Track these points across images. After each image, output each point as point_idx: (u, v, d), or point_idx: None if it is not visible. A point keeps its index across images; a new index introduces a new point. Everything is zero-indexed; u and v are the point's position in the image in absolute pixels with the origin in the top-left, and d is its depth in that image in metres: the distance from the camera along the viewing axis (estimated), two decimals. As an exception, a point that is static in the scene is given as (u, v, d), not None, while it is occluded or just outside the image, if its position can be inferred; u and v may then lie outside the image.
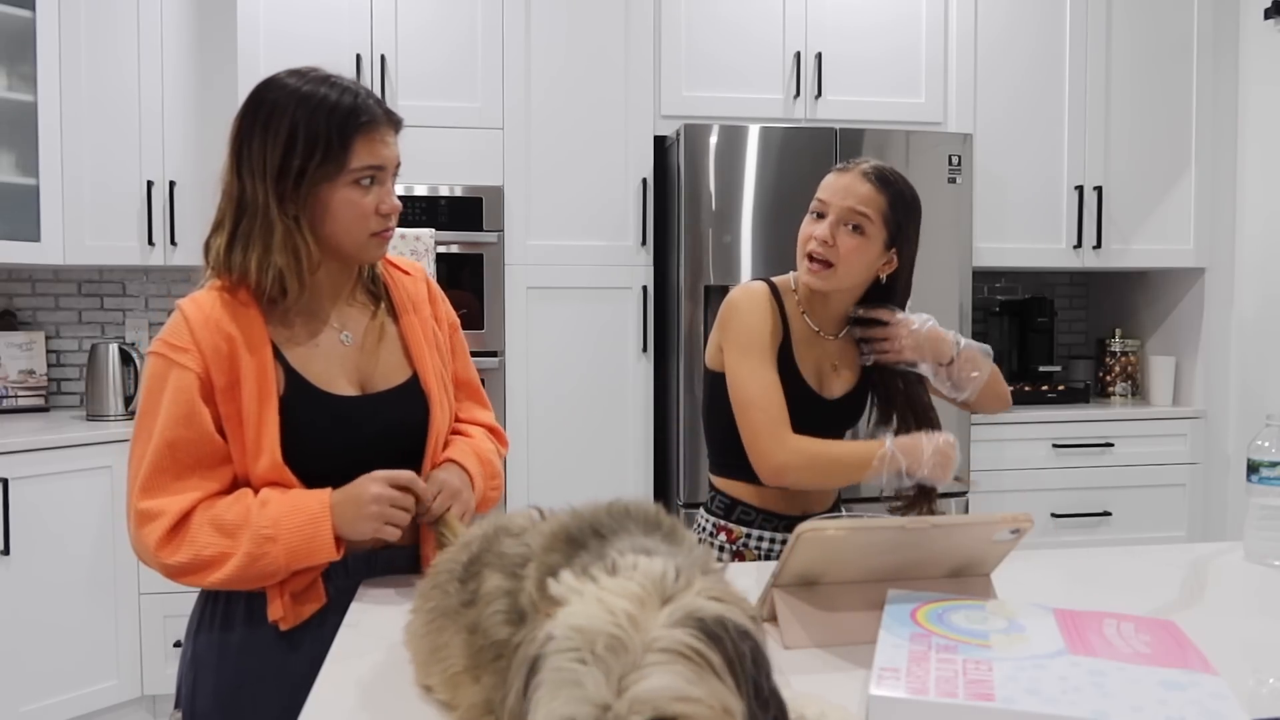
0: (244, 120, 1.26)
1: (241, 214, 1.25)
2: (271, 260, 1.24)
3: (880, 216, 1.62)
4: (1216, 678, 0.82)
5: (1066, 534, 3.35)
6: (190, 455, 1.23)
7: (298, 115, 1.22)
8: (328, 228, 1.27)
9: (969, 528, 1.08)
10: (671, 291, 3.15)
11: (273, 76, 1.28)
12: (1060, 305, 3.95)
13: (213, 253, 1.28)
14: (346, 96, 1.25)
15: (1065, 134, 3.45)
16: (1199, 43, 3.48)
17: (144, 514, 1.21)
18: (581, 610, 0.63)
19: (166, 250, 3.20)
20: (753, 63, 3.26)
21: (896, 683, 0.81)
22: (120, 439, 2.87)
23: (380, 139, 1.27)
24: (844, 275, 1.63)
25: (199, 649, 1.32)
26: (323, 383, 1.30)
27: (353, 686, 0.97)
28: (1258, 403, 3.27)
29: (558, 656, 0.61)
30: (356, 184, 1.26)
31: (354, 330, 1.36)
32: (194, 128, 3.20)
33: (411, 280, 1.45)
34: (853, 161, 1.67)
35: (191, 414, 1.22)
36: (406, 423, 1.36)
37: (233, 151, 1.26)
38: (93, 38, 3.13)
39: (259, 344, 1.25)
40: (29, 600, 2.69)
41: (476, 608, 0.83)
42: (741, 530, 1.70)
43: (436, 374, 1.40)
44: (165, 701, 3.00)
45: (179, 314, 1.26)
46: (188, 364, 1.23)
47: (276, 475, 1.25)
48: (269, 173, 1.23)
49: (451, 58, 3.11)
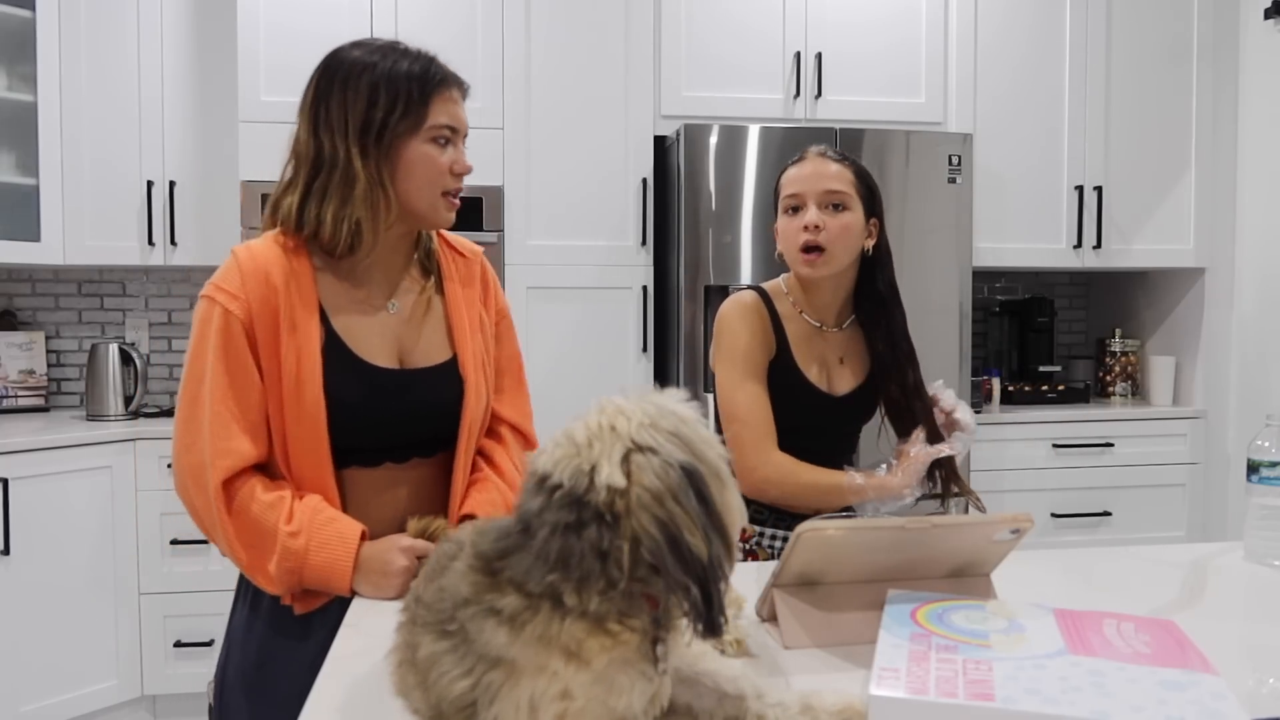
0: (319, 84, 1.29)
1: (317, 171, 1.28)
2: (348, 212, 1.26)
3: (854, 188, 1.66)
4: (1216, 678, 0.82)
5: (1066, 534, 3.35)
6: (237, 400, 1.24)
7: (379, 71, 1.26)
8: (403, 183, 1.30)
9: (969, 528, 1.08)
10: (671, 291, 3.15)
11: (339, 48, 1.32)
12: (1060, 305, 3.95)
13: (283, 209, 1.29)
14: (422, 58, 1.31)
15: (1065, 134, 3.45)
16: (1199, 43, 3.49)
17: (194, 465, 1.24)
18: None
19: (166, 250, 3.20)
20: (753, 62, 3.26)
21: (896, 683, 0.81)
22: (120, 439, 2.88)
23: (454, 100, 1.32)
24: (839, 255, 1.65)
25: (233, 623, 1.36)
26: (362, 350, 1.31)
27: (353, 686, 0.97)
28: (1258, 403, 3.27)
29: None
30: (434, 141, 1.30)
31: (402, 302, 1.37)
32: (194, 128, 3.20)
33: (466, 262, 1.47)
34: (804, 151, 1.70)
35: (238, 359, 1.24)
36: (441, 403, 1.36)
37: (308, 114, 1.29)
38: (93, 38, 3.13)
39: (306, 301, 1.27)
40: (29, 600, 2.69)
41: (419, 669, 0.82)
42: (754, 529, 1.70)
43: (476, 358, 1.40)
44: (165, 701, 3.00)
45: (233, 259, 1.28)
46: (234, 309, 1.24)
47: (314, 439, 1.25)
48: (351, 128, 1.26)
49: (451, 58, 3.05)
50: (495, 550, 0.77)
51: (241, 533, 1.23)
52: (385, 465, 1.34)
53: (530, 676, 0.73)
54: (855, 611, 1.08)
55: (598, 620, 0.73)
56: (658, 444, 0.73)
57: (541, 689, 0.73)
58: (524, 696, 0.73)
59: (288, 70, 3.04)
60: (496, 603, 0.75)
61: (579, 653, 0.73)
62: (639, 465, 0.72)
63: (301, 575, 1.24)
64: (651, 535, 0.71)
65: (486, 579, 0.77)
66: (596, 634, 0.73)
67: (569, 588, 0.73)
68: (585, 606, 0.73)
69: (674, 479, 0.72)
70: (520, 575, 0.74)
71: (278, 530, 1.22)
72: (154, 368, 3.50)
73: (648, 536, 0.71)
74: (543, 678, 0.73)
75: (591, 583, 0.72)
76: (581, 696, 0.73)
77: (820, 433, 1.72)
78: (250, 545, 1.24)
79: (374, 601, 1.23)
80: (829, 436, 1.74)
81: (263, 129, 3.02)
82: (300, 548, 1.22)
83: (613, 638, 0.74)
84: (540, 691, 0.73)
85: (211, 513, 1.23)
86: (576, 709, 0.73)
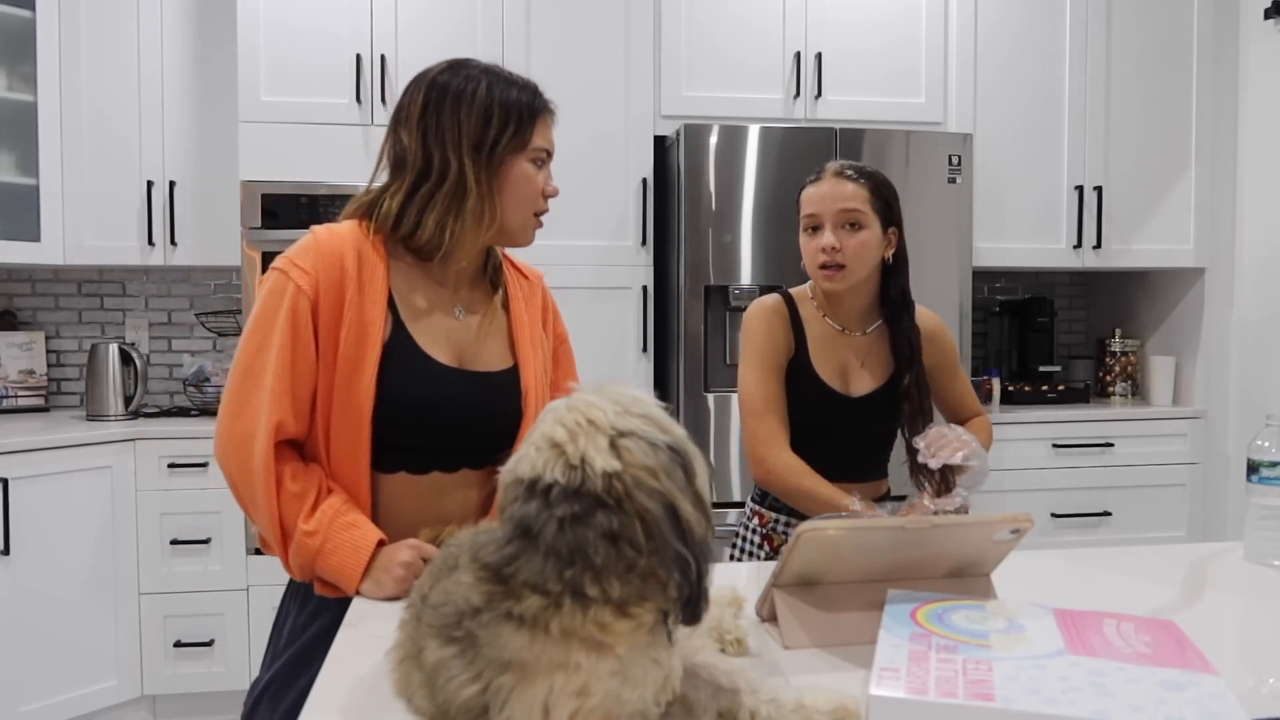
0: (427, 96, 1.33)
1: (425, 179, 1.31)
2: (452, 220, 1.30)
3: (869, 205, 1.72)
4: (1216, 678, 0.82)
5: (1066, 534, 3.35)
6: (294, 375, 1.26)
7: (493, 92, 1.32)
8: (506, 198, 1.34)
9: (969, 528, 1.08)
10: (671, 291, 3.15)
11: (438, 66, 1.36)
12: (1060, 305, 3.95)
13: (384, 208, 1.32)
14: (529, 85, 1.36)
15: (1065, 134, 3.45)
16: (1199, 43, 3.49)
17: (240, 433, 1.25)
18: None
19: (166, 250, 3.20)
20: (753, 62, 3.26)
21: (896, 683, 0.81)
22: (120, 439, 2.88)
23: (549, 124, 1.38)
24: (857, 270, 1.73)
25: (286, 595, 1.39)
26: (425, 345, 1.33)
27: (353, 686, 0.97)
28: (1258, 403, 3.27)
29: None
30: (533, 161, 1.35)
31: (469, 311, 1.40)
32: (194, 128, 3.20)
33: (529, 284, 1.51)
34: (821, 169, 1.77)
35: (303, 335, 1.26)
36: (498, 411, 1.37)
37: (416, 127, 1.32)
38: (93, 38, 3.13)
39: (375, 287, 1.30)
40: (29, 600, 2.69)
41: (426, 672, 0.82)
42: (771, 515, 1.81)
43: (537, 373, 1.42)
44: (165, 701, 3.00)
45: (311, 236, 1.32)
46: (304, 285, 1.27)
47: (356, 430, 1.27)
48: (465, 143, 1.30)
49: (450, 57, 3.10)
50: (500, 559, 0.77)
51: (282, 504, 1.26)
52: (433, 473, 1.34)
53: (545, 675, 0.74)
54: (855, 611, 1.08)
55: (620, 606, 0.74)
56: (638, 428, 0.76)
57: (558, 687, 0.73)
58: (537, 697, 0.74)
59: (288, 70, 3.04)
60: (515, 608, 0.75)
61: (604, 638, 0.74)
62: (627, 448, 0.74)
63: (313, 570, 1.27)
64: (651, 511, 0.73)
65: (499, 587, 0.76)
66: (621, 618, 0.75)
67: (589, 579, 0.73)
68: (609, 595, 0.74)
69: (663, 458, 0.75)
70: (534, 577, 0.74)
71: (296, 525, 1.25)
72: (154, 368, 3.50)
73: (649, 512, 0.73)
74: (560, 675, 0.73)
75: (610, 569, 0.73)
76: (598, 691, 0.74)
77: (845, 433, 1.78)
78: (281, 521, 1.27)
79: (374, 603, 1.23)
80: (855, 437, 1.79)
81: (263, 129, 3.02)
82: (315, 547, 1.24)
83: (634, 620, 0.75)
84: (556, 689, 0.73)
85: (251, 481, 1.25)
86: (591, 705, 0.74)
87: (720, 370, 3.10)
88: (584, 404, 0.77)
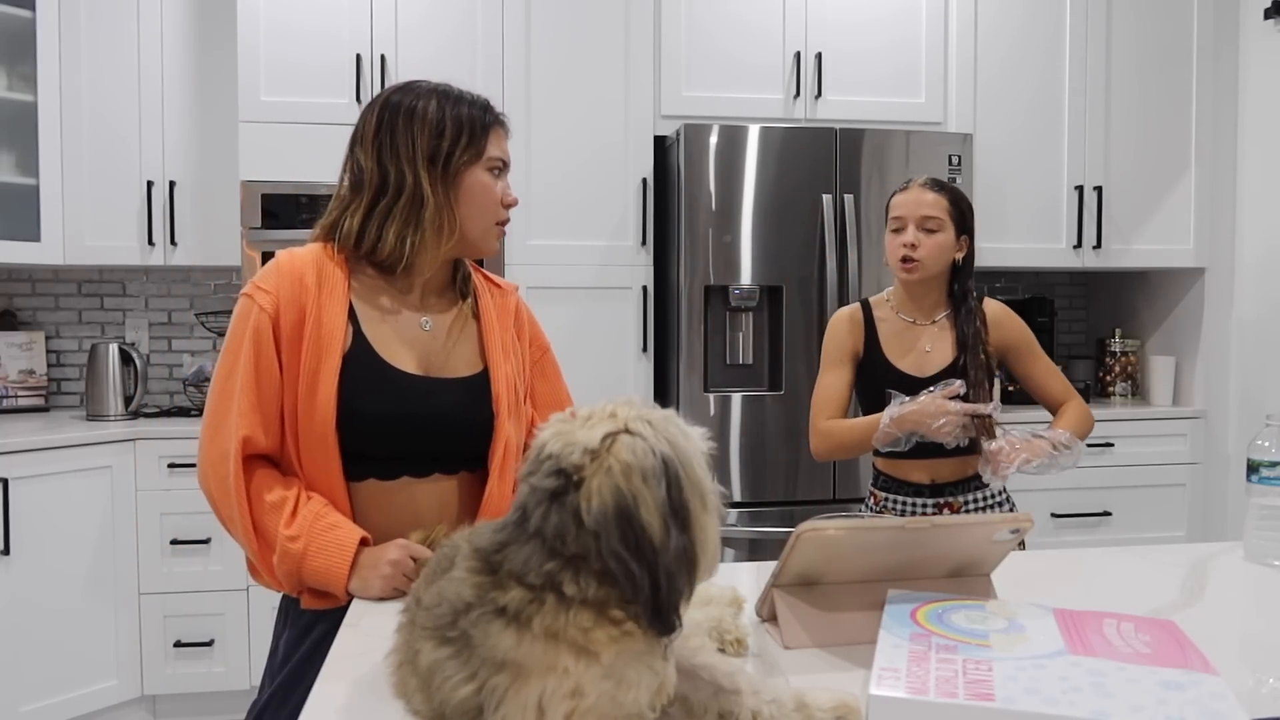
0: (380, 116, 1.36)
1: (382, 195, 1.34)
2: (413, 234, 1.34)
3: (946, 214, 2.02)
4: (1216, 678, 0.82)
5: (1066, 534, 3.35)
6: (259, 392, 1.28)
7: (444, 107, 1.36)
8: (464, 208, 1.37)
9: (969, 528, 1.08)
10: (671, 291, 3.15)
11: (391, 90, 1.40)
12: (1060, 305, 3.95)
13: (344, 228, 1.36)
14: (478, 99, 1.40)
15: (1065, 134, 3.45)
16: (1199, 43, 3.48)
17: (216, 455, 1.28)
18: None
19: (166, 250, 3.20)
20: (753, 62, 3.26)
21: (896, 683, 0.81)
22: (120, 439, 2.88)
23: (503, 136, 1.42)
24: (930, 266, 2.02)
25: (278, 615, 1.40)
26: (388, 355, 1.34)
27: (353, 686, 0.97)
28: (1258, 403, 3.26)
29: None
30: (490, 171, 1.39)
31: (436, 321, 1.41)
32: (194, 128, 3.20)
33: (502, 294, 1.52)
34: (911, 180, 2.07)
35: (265, 352, 1.29)
36: (468, 415, 1.38)
37: (370, 144, 1.36)
38: (93, 38, 3.13)
39: (336, 301, 1.32)
40: (29, 600, 2.69)
41: (421, 674, 0.82)
42: (882, 494, 2.09)
43: (509, 379, 1.42)
44: (165, 701, 3.00)
45: (274, 260, 1.35)
46: (265, 305, 1.30)
47: (322, 442, 1.28)
48: (420, 156, 1.34)
49: (451, 58, 3.10)
50: (493, 543, 0.78)
51: (256, 520, 1.27)
52: (402, 478, 1.34)
53: (539, 676, 0.74)
54: (855, 611, 1.08)
55: (600, 607, 0.74)
56: (647, 434, 0.75)
57: (551, 688, 0.73)
58: (532, 697, 0.73)
59: (288, 70, 3.04)
60: (500, 600, 0.75)
61: (587, 645, 0.74)
62: (621, 442, 0.74)
63: (300, 577, 1.27)
64: (603, 500, 0.72)
65: (488, 578, 0.77)
66: (602, 623, 0.74)
67: (567, 576, 0.73)
68: (585, 594, 0.73)
69: (649, 462, 0.74)
70: (519, 567, 0.75)
71: (277, 533, 1.25)
72: (154, 368, 3.50)
73: (599, 500, 0.72)
74: (552, 676, 0.73)
75: (586, 564, 0.73)
76: (592, 693, 0.74)
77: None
78: (259, 535, 1.28)
79: (374, 603, 1.23)
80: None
81: (263, 129, 3.02)
82: (298, 551, 1.25)
83: (618, 627, 0.74)
84: (550, 690, 0.73)
85: (229, 501, 1.26)
86: (585, 706, 0.74)
87: (720, 370, 3.10)
88: (625, 400, 0.78)
